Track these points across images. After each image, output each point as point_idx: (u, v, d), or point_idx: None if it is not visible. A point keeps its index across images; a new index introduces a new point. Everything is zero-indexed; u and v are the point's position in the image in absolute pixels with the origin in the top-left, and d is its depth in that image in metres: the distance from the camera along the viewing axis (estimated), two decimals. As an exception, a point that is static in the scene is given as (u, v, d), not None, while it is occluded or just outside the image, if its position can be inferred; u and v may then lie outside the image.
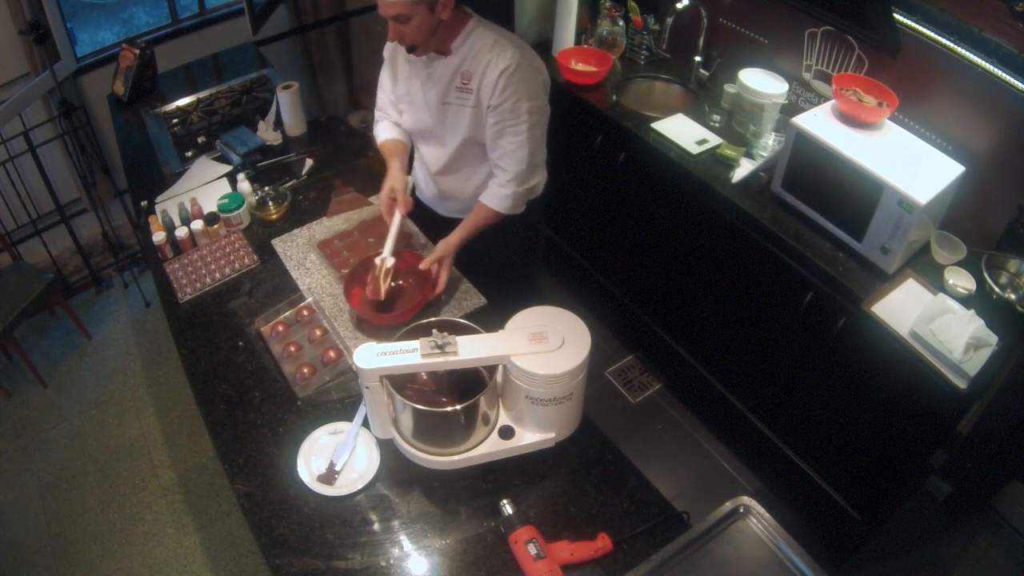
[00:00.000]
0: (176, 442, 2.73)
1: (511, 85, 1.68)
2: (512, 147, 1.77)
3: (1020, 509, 2.39)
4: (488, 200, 1.85)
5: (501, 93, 1.69)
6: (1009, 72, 1.81)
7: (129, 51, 2.66)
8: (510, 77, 1.67)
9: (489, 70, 1.68)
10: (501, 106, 1.70)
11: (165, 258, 2.01)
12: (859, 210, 1.91)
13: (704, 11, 2.54)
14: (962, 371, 1.71)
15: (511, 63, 1.66)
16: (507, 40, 1.71)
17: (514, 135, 1.75)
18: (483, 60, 1.69)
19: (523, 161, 1.78)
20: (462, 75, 1.73)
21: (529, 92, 1.71)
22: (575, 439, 1.53)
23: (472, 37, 1.70)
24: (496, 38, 1.70)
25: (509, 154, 1.78)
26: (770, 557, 1.33)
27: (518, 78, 1.68)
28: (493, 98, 1.70)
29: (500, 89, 1.68)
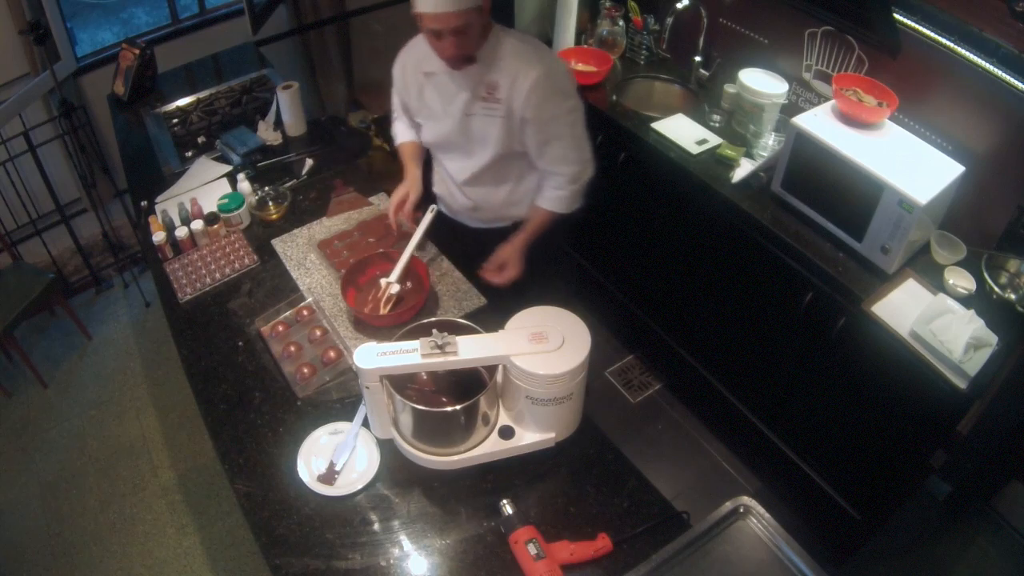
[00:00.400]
0: (176, 442, 2.73)
1: (546, 94, 1.66)
2: (561, 151, 1.77)
3: (1020, 509, 2.39)
4: (546, 204, 1.86)
5: (538, 105, 1.67)
6: (1009, 72, 1.81)
7: (129, 51, 2.66)
8: (544, 87, 1.65)
9: (519, 81, 1.65)
10: (540, 117, 1.69)
11: (165, 258, 2.01)
12: (859, 210, 1.91)
13: (704, 11, 2.54)
14: (962, 371, 1.71)
15: (540, 72, 1.64)
16: (529, 47, 1.68)
17: (559, 140, 1.75)
18: (509, 70, 1.66)
19: (574, 162, 1.80)
20: (487, 85, 1.69)
21: (563, 93, 1.70)
22: (575, 439, 1.53)
23: (495, 44, 1.67)
24: (517, 44, 1.67)
25: (559, 159, 1.78)
26: (770, 557, 1.33)
27: (550, 85, 1.66)
28: (529, 111, 1.68)
29: (536, 102, 1.66)
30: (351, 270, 1.83)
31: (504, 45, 1.67)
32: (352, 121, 3.36)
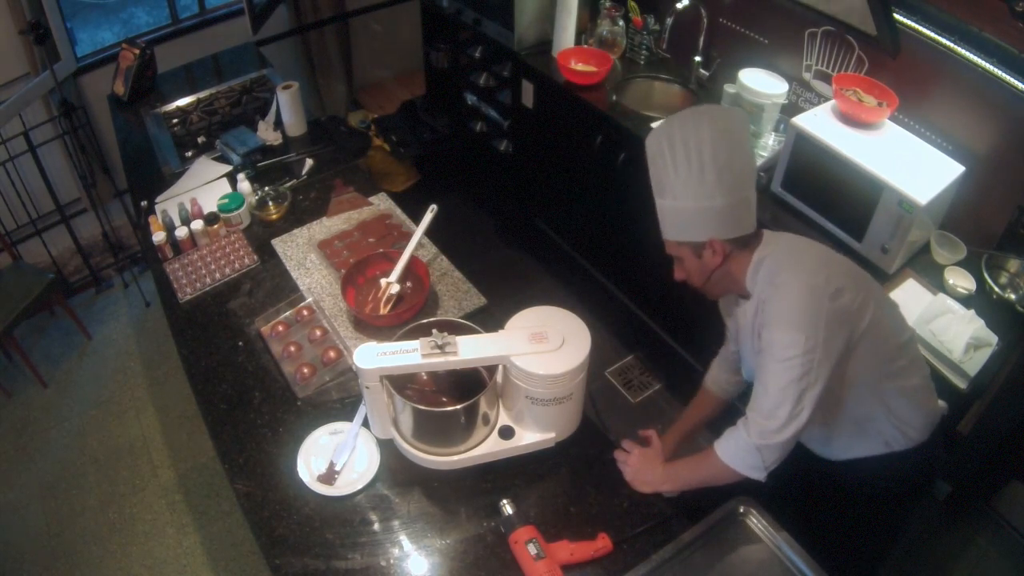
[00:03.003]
0: (176, 442, 2.73)
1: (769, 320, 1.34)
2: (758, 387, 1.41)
3: (1020, 509, 2.39)
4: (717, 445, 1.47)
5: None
6: (1009, 72, 1.81)
7: (129, 51, 2.66)
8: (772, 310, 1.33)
9: (767, 308, 1.34)
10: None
11: (165, 258, 2.01)
12: (859, 210, 1.91)
13: (704, 11, 2.54)
14: (962, 371, 1.71)
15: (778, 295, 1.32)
16: (790, 270, 1.33)
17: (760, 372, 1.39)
18: (765, 298, 1.36)
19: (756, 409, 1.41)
20: (757, 316, 1.40)
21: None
22: (575, 439, 1.53)
23: (760, 273, 1.37)
24: (776, 270, 1.35)
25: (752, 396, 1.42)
26: (770, 557, 1.33)
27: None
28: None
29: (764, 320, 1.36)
30: (351, 270, 1.83)
31: (768, 270, 1.37)
32: (352, 121, 3.36)
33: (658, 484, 1.45)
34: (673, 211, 1.37)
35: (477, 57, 3.15)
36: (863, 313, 1.33)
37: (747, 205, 1.35)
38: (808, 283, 1.29)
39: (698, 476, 1.42)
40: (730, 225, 1.35)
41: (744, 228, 1.36)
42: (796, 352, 1.26)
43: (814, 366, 1.26)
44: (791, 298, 1.29)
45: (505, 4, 2.73)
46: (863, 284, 1.39)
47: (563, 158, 2.90)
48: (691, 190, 1.32)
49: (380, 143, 3.31)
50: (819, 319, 1.26)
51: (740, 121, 1.37)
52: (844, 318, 1.30)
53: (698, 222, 1.35)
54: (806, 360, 1.26)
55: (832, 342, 1.27)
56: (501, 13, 2.79)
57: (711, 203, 1.32)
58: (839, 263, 1.39)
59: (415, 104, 3.64)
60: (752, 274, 1.38)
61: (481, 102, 3.27)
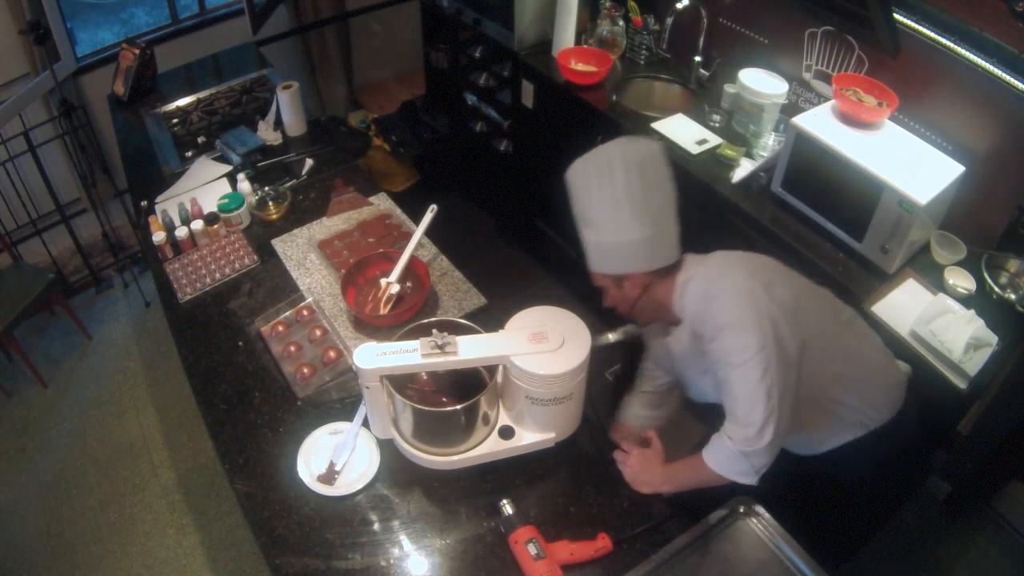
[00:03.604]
0: (176, 442, 2.73)
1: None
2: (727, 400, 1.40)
3: (1020, 509, 2.39)
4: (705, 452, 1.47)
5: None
6: (1009, 72, 1.81)
7: (129, 51, 2.66)
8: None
9: (710, 324, 1.35)
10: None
11: (165, 258, 2.01)
12: (859, 210, 1.91)
13: (704, 11, 2.54)
14: (962, 371, 1.71)
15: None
16: (719, 280, 1.36)
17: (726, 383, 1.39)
18: (704, 316, 1.36)
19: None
20: (695, 338, 1.41)
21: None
22: (575, 439, 1.53)
23: (687, 295, 1.40)
24: (705, 286, 1.37)
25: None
26: (770, 557, 1.33)
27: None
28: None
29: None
30: (351, 270, 1.83)
31: (696, 290, 1.39)
32: (352, 121, 3.36)
33: (658, 485, 1.45)
34: (594, 244, 1.40)
35: (477, 57, 3.15)
36: (799, 301, 1.36)
37: (667, 236, 1.38)
38: (740, 285, 1.31)
39: (695, 478, 1.43)
40: (648, 258, 1.38)
41: (664, 260, 1.39)
42: (750, 353, 1.26)
43: (772, 361, 1.26)
44: (729, 304, 1.30)
45: (505, 4, 2.73)
46: (789, 277, 1.43)
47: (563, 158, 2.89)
48: (608, 224, 1.35)
49: (380, 143, 3.31)
50: (762, 315, 1.27)
51: (654, 154, 1.36)
52: (785, 310, 1.31)
53: (617, 255, 1.38)
54: (762, 358, 1.26)
55: (782, 334, 1.28)
56: (501, 13, 2.79)
57: (628, 237, 1.34)
58: (761, 261, 1.43)
59: (415, 104, 3.64)
60: (678, 298, 1.41)
61: (481, 102, 3.27)
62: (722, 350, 1.30)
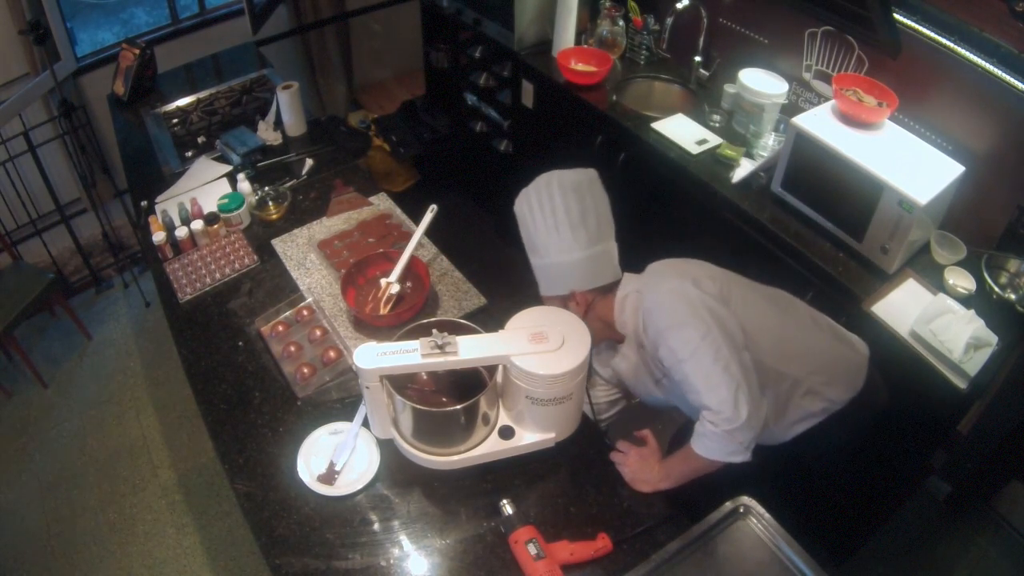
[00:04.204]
0: (176, 442, 2.73)
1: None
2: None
3: (1020, 509, 2.39)
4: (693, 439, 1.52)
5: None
6: (1009, 72, 1.81)
7: (129, 51, 2.66)
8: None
9: (653, 330, 1.42)
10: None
11: (165, 258, 2.01)
12: (859, 210, 1.91)
13: (704, 11, 2.54)
14: (962, 371, 1.71)
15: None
16: (649, 290, 1.45)
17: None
18: (647, 327, 1.44)
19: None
20: (640, 350, 1.49)
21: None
22: (575, 439, 1.53)
23: (627, 310, 1.49)
24: (639, 300, 1.46)
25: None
26: (770, 557, 1.33)
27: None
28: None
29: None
30: (351, 270, 1.83)
31: (629, 304, 1.49)
32: (352, 121, 3.36)
33: (657, 482, 1.45)
34: (540, 268, 1.51)
35: (477, 57, 3.15)
36: (730, 292, 1.44)
37: (607, 256, 1.49)
38: (669, 287, 1.41)
39: (691, 469, 1.45)
40: (589, 277, 1.48)
41: (605, 278, 1.49)
42: (695, 343, 1.33)
43: (720, 343, 1.33)
44: (664, 307, 1.39)
45: (505, 4, 2.73)
46: (716, 273, 1.50)
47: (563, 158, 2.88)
48: (551, 246, 1.46)
49: (380, 143, 3.31)
50: (697, 307, 1.36)
51: (590, 179, 1.50)
52: (719, 300, 1.40)
53: (560, 276, 1.48)
54: (709, 342, 1.32)
55: (721, 317, 1.36)
56: (501, 13, 2.79)
57: (569, 257, 1.45)
58: (689, 263, 1.52)
59: (415, 104, 3.64)
60: (619, 314, 1.50)
61: (481, 102, 3.27)
62: (670, 351, 1.37)
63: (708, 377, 1.33)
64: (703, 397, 1.34)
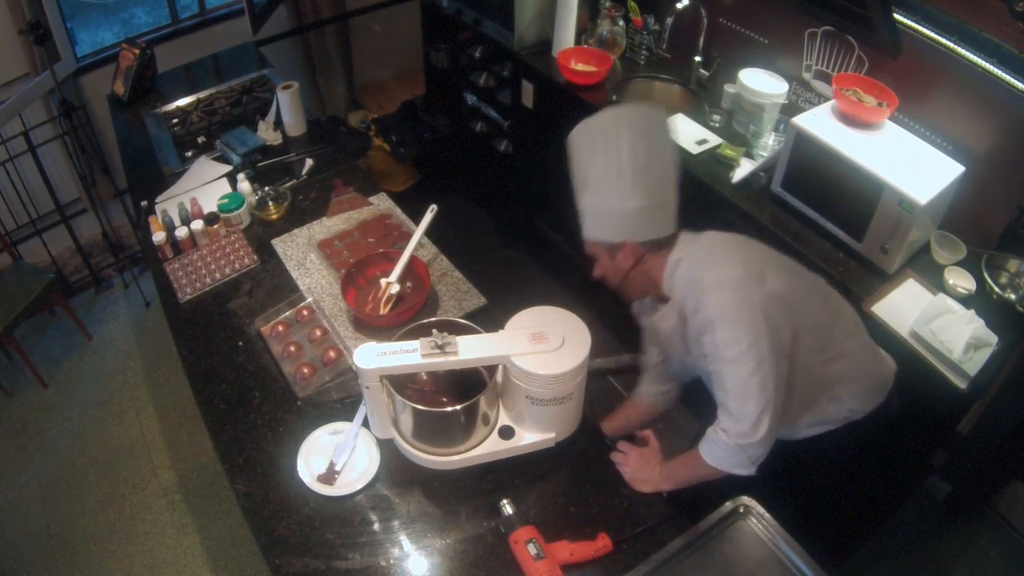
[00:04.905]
0: (176, 442, 2.73)
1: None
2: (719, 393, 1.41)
3: (1020, 509, 2.39)
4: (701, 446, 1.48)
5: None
6: (1009, 72, 1.81)
7: (129, 51, 2.66)
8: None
9: (699, 315, 1.33)
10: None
11: (165, 258, 2.01)
12: (859, 210, 1.91)
13: (704, 11, 2.54)
14: (962, 371, 1.71)
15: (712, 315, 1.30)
16: (711, 270, 1.32)
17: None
18: (691, 300, 1.35)
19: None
20: (682, 320, 1.41)
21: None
22: (575, 439, 1.53)
23: (678, 275, 1.38)
24: (697, 273, 1.34)
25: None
26: (770, 557, 1.33)
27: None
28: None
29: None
30: (351, 270, 1.83)
31: (688, 273, 1.37)
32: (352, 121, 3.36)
33: (657, 483, 1.45)
34: (590, 210, 1.38)
35: (477, 57, 3.15)
36: (792, 291, 1.35)
37: (665, 208, 1.35)
38: (732, 277, 1.29)
39: (694, 473, 1.43)
40: (645, 228, 1.35)
41: (660, 231, 1.36)
42: (743, 347, 1.26)
43: (765, 355, 1.26)
44: (720, 297, 1.28)
45: (505, 4, 2.73)
46: (781, 265, 1.41)
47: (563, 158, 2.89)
48: (607, 190, 1.33)
49: (380, 143, 3.31)
50: (755, 309, 1.26)
51: (661, 122, 1.35)
52: (778, 301, 1.30)
53: (613, 223, 1.35)
54: (755, 352, 1.25)
55: (775, 327, 1.28)
56: (501, 13, 2.79)
57: (626, 204, 1.32)
58: (754, 248, 1.41)
59: (415, 104, 3.64)
60: (669, 277, 1.39)
61: (481, 102, 3.27)
62: (713, 343, 1.30)
63: (742, 386, 1.28)
64: (729, 401, 1.31)
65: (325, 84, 3.82)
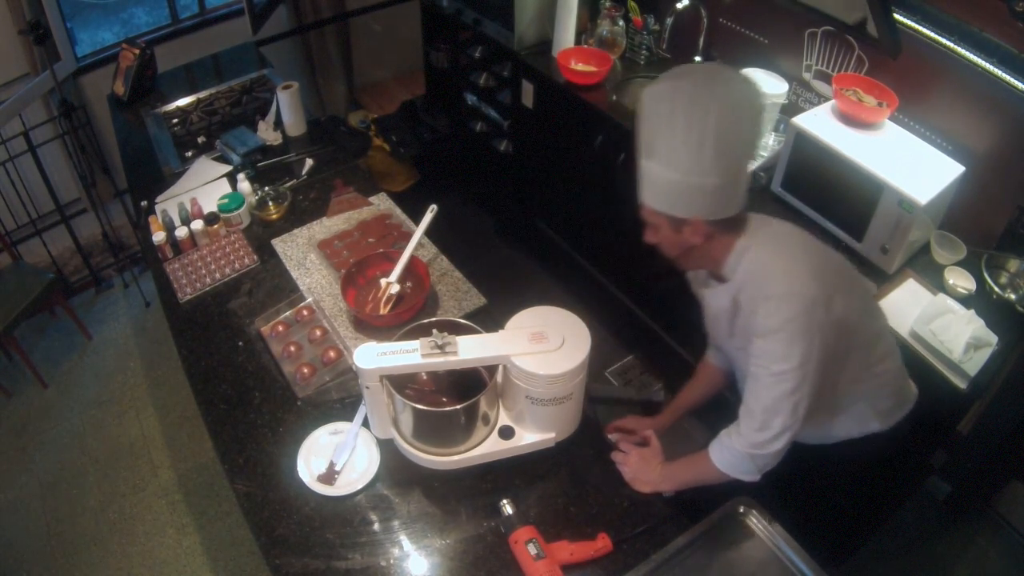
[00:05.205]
0: (176, 442, 2.73)
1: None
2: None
3: (1020, 509, 2.39)
4: (712, 449, 1.44)
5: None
6: (1009, 72, 1.81)
7: (129, 51, 2.66)
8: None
9: (758, 318, 1.27)
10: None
11: (165, 258, 2.01)
12: (859, 210, 1.91)
13: (704, 11, 2.54)
14: (962, 371, 1.71)
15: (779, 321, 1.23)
16: (783, 279, 1.25)
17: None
18: (751, 295, 1.29)
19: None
20: (735, 306, 1.36)
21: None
22: (575, 439, 1.53)
23: (743, 263, 1.30)
24: (766, 272, 1.27)
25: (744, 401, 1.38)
26: (770, 557, 1.33)
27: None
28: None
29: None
30: (351, 270, 1.83)
31: (756, 263, 1.29)
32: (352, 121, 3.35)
33: (657, 484, 1.45)
34: (658, 178, 1.24)
35: (477, 57, 3.15)
36: (851, 313, 1.31)
37: (739, 186, 1.26)
38: (803, 294, 1.22)
39: (696, 477, 1.43)
40: (719, 206, 1.25)
41: (732, 209, 1.26)
42: (791, 365, 1.23)
43: (808, 377, 1.24)
44: (787, 312, 1.22)
45: (505, 4, 2.73)
46: (849, 280, 1.37)
47: (563, 158, 2.90)
48: (684, 163, 1.20)
49: (380, 143, 3.31)
50: (814, 332, 1.22)
51: (755, 96, 1.24)
52: (838, 326, 1.26)
53: (684, 197, 1.24)
54: (801, 373, 1.23)
55: (826, 351, 1.25)
56: (501, 13, 2.79)
57: (703, 180, 1.20)
58: (828, 261, 1.35)
59: (415, 104, 3.64)
60: (733, 262, 1.31)
61: (481, 102, 3.27)
62: (764, 351, 1.26)
63: (776, 401, 1.26)
64: (758, 410, 1.28)
65: (325, 84, 3.82)
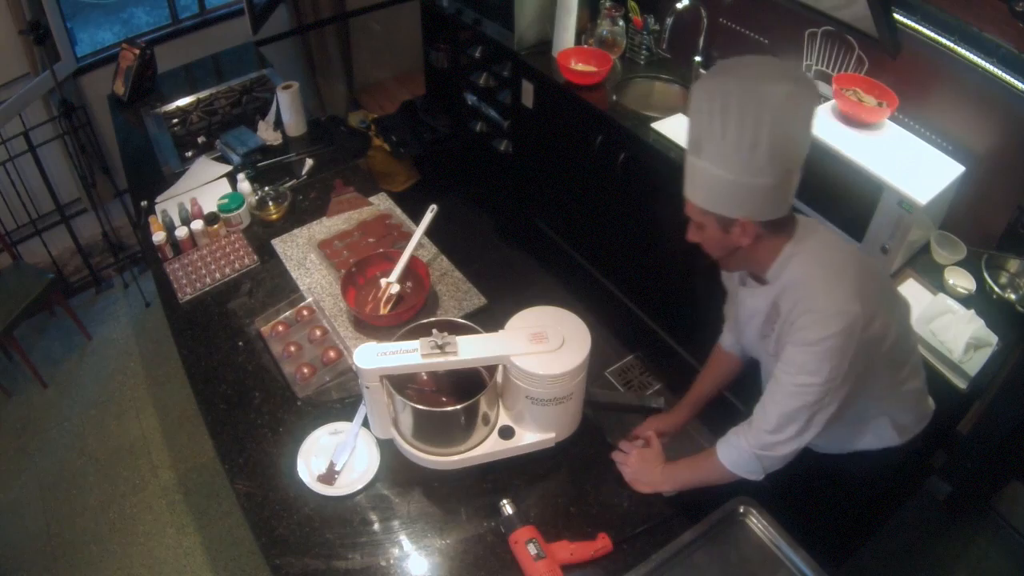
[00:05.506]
0: (176, 442, 2.73)
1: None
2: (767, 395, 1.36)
3: (1020, 509, 2.39)
4: (720, 449, 1.44)
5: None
6: (1009, 72, 1.81)
7: (129, 51, 2.66)
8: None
9: (796, 328, 1.25)
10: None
11: (165, 258, 2.01)
12: (859, 210, 1.91)
13: (704, 11, 2.54)
14: (962, 371, 1.71)
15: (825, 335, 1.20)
16: (827, 295, 1.21)
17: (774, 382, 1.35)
18: (793, 303, 1.26)
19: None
20: (773, 308, 1.33)
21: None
22: (575, 439, 1.53)
23: (788, 269, 1.27)
24: (811, 285, 1.24)
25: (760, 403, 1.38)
26: (770, 557, 1.33)
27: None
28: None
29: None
30: (351, 270, 1.83)
31: (800, 268, 1.27)
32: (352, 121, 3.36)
33: (658, 484, 1.45)
34: (707, 176, 1.19)
35: (477, 57, 3.15)
36: (887, 333, 1.29)
37: (790, 186, 1.21)
38: (845, 312, 1.19)
39: (697, 477, 1.43)
40: (769, 207, 1.21)
41: (783, 210, 1.23)
42: (818, 380, 1.22)
43: (831, 394, 1.25)
44: (825, 328, 1.20)
45: (505, 4, 2.73)
46: (890, 301, 1.35)
47: (563, 158, 2.90)
48: (736, 162, 1.15)
49: (380, 143, 3.31)
50: (847, 352, 1.21)
51: (811, 92, 1.18)
52: (872, 343, 1.25)
53: (734, 197, 1.19)
54: (825, 389, 1.23)
55: (854, 369, 1.25)
56: (501, 13, 2.79)
57: (754, 180, 1.16)
58: (872, 279, 1.30)
59: (415, 104, 3.64)
60: (778, 267, 1.28)
61: (481, 102, 3.27)
62: (794, 360, 1.25)
63: (796, 410, 1.26)
64: (776, 414, 1.28)
65: (325, 84, 3.82)
